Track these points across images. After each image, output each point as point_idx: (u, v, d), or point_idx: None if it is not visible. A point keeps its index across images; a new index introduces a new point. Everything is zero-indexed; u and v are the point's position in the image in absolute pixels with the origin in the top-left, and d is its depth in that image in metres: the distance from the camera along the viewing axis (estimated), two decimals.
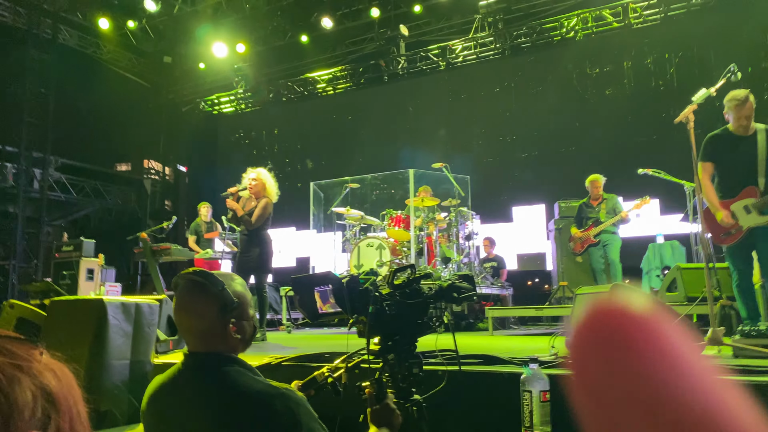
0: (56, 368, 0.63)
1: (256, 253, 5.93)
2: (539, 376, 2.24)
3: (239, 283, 1.77)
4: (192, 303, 1.69)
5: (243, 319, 1.72)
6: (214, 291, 1.66)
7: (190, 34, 13.40)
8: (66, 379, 0.64)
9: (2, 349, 0.61)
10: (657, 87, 10.59)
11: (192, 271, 1.71)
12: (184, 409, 1.64)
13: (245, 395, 1.56)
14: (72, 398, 0.63)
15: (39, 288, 5.65)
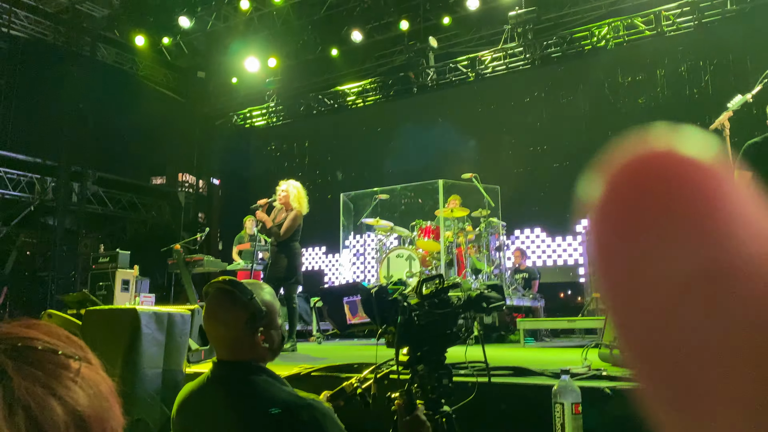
0: (91, 383, 0.60)
1: (285, 263, 5.97)
2: (571, 388, 2.21)
3: (268, 292, 1.78)
4: (221, 312, 1.70)
5: (271, 329, 1.73)
6: (243, 300, 1.68)
7: (224, 49, 13.67)
8: (98, 395, 0.61)
9: (37, 366, 0.57)
10: (691, 95, 10.40)
11: (222, 280, 1.73)
12: (212, 417, 1.65)
13: (272, 405, 1.57)
14: (104, 415, 0.60)
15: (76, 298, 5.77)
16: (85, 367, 0.62)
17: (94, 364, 0.65)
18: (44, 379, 0.57)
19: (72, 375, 0.59)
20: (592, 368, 2.94)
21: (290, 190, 6.08)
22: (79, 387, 0.59)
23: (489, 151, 11.91)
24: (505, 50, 11.78)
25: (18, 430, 0.53)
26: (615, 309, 0.24)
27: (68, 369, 0.60)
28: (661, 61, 10.70)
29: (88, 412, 0.58)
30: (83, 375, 0.61)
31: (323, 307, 2.38)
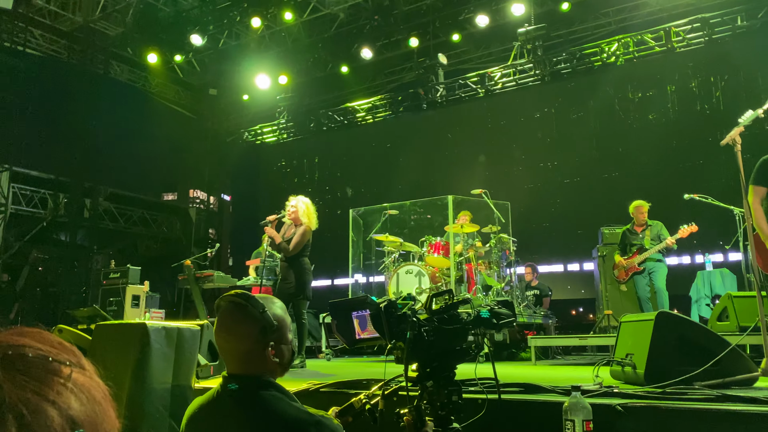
0: (83, 388, 0.60)
1: (295, 279, 5.97)
2: (582, 405, 2.18)
3: (279, 307, 1.79)
4: (233, 324, 1.71)
5: (282, 343, 1.74)
6: (255, 313, 1.68)
7: (235, 67, 13.80)
8: (91, 400, 0.60)
9: (28, 373, 0.57)
10: (702, 111, 10.36)
11: (234, 293, 1.74)
12: (218, 430, 1.65)
13: (280, 421, 1.56)
14: (98, 420, 0.59)
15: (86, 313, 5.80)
16: (77, 372, 0.61)
17: (88, 370, 0.64)
18: (36, 385, 0.57)
19: (63, 380, 0.59)
20: (604, 385, 2.90)
21: (299, 206, 6.09)
22: (71, 392, 0.59)
23: (499, 166, 11.91)
24: (515, 66, 11.81)
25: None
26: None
27: (60, 375, 0.59)
28: (672, 77, 10.69)
29: (81, 417, 0.58)
30: (75, 380, 0.60)
31: (332, 321, 2.37)
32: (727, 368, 3.07)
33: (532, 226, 11.11)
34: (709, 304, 7.95)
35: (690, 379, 2.94)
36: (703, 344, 3.22)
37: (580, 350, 8.84)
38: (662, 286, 7.40)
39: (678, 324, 3.38)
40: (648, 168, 10.33)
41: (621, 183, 10.49)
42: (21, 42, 12.01)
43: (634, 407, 2.46)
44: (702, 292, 8.14)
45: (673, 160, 10.26)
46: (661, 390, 2.76)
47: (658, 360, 3.17)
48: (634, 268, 7.55)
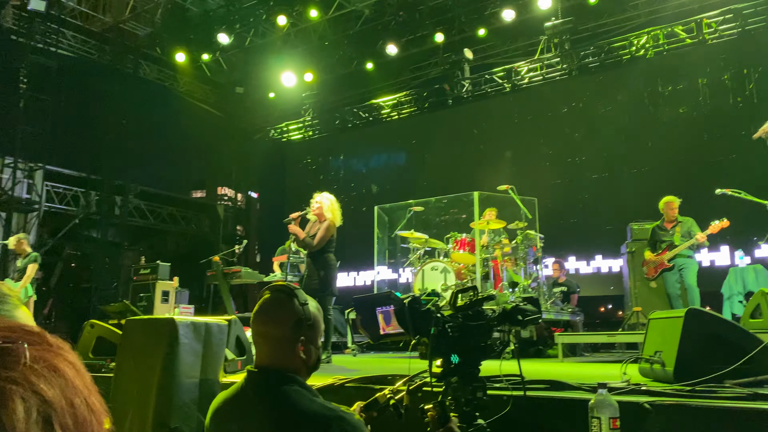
0: (49, 369, 0.56)
1: (320, 275, 6.00)
2: (609, 402, 2.15)
3: (315, 307, 1.84)
4: (273, 309, 1.76)
5: (311, 343, 1.78)
6: (296, 304, 1.75)
7: (261, 64, 13.92)
8: (57, 373, 0.56)
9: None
10: (735, 104, 10.12)
11: (281, 284, 1.82)
12: (244, 424, 1.67)
13: (302, 416, 1.58)
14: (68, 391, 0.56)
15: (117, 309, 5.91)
16: (44, 352, 0.57)
17: (56, 345, 0.60)
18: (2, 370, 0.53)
19: (28, 362, 0.55)
20: (632, 383, 2.86)
21: (323, 202, 6.13)
22: (38, 375, 0.55)
23: (526, 162, 11.79)
24: (542, 61, 11.69)
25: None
26: None
27: (22, 357, 0.55)
28: (703, 70, 10.46)
29: (53, 400, 0.54)
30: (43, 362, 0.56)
31: (356, 317, 2.38)
32: (759, 366, 3.00)
33: (560, 223, 10.98)
34: (742, 301, 7.77)
35: (720, 378, 2.88)
36: (735, 342, 3.16)
37: (608, 347, 8.73)
38: (693, 282, 7.27)
39: (708, 321, 3.32)
40: (678, 163, 10.13)
41: (650, 178, 10.31)
42: (53, 43, 12.27)
43: (663, 405, 2.42)
44: (734, 289, 7.97)
45: (704, 154, 10.05)
46: (690, 388, 2.71)
47: (688, 358, 3.11)
48: (664, 264, 7.43)
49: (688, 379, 2.93)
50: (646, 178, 10.45)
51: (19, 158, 11.53)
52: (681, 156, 10.16)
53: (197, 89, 15.22)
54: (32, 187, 11.84)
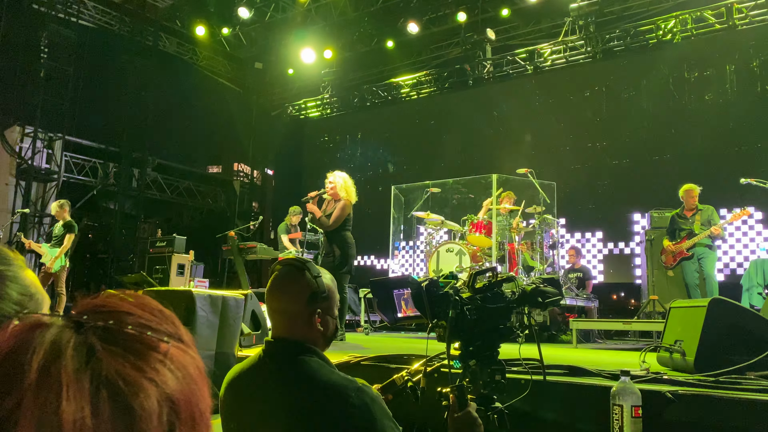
0: (179, 365, 0.57)
1: (338, 253, 6.00)
2: (631, 390, 2.11)
3: (329, 279, 1.82)
4: (287, 284, 1.76)
5: (328, 315, 1.77)
6: (309, 277, 1.74)
7: (281, 40, 13.82)
8: (187, 378, 0.57)
9: (127, 347, 0.54)
10: (763, 92, 9.88)
11: (291, 258, 1.81)
12: (261, 395, 1.67)
13: (323, 385, 1.58)
14: (193, 397, 0.57)
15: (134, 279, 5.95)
16: (174, 347, 0.58)
17: (186, 341, 0.61)
18: (134, 360, 0.54)
19: (161, 357, 0.56)
20: (651, 371, 2.82)
21: (337, 181, 6.12)
22: (168, 369, 0.56)
23: (546, 146, 11.65)
24: (566, 43, 11.49)
25: (100, 411, 0.50)
26: None
27: (158, 350, 0.56)
28: (732, 56, 10.21)
29: (177, 395, 0.55)
30: (172, 356, 0.57)
31: (373, 299, 2.35)
32: None
33: (578, 208, 10.88)
34: (761, 293, 7.66)
35: (743, 369, 2.83)
36: (758, 333, 3.10)
37: (621, 335, 8.67)
38: (712, 272, 7.18)
39: (731, 311, 3.26)
40: (702, 150, 9.95)
41: (673, 166, 10.15)
42: (74, 13, 12.25)
43: (685, 395, 2.38)
44: (754, 281, 7.84)
45: (729, 142, 9.85)
46: (713, 379, 2.66)
47: (710, 348, 3.06)
48: (683, 253, 7.33)
49: (709, 369, 2.88)
50: (667, 165, 10.28)
51: (39, 128, 11.59)
52: (705, 144, 9.97)
53: (216, 63, 15.17)
54: (51, 157, 11.93)
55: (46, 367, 0.51)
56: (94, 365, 0.52)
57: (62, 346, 0.53)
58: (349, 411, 1.52)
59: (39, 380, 0.50)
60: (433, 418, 2.04)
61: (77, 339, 0.53)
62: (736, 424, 2.29)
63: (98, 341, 0.54)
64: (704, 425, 2.34)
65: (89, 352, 0.53)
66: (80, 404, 0.49)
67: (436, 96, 13.58)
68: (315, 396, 1.57)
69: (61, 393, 0.49)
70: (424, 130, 13.46)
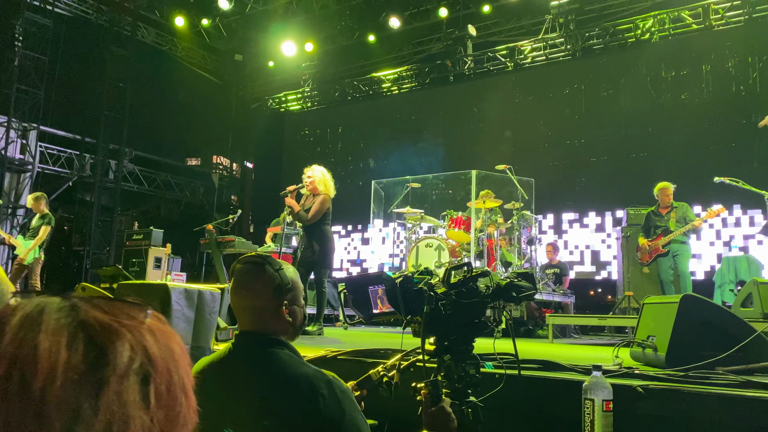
0: (158, 334, 0.60)
1: (316, 249, 5.99)
2: (603, 385, 2.14)
3: (293, 271, 1.83)
4: (249, 281, 1.76)
5: (295, 304, 1.78)
6: (271, 271, 1.74)
7: (261, 32, 13.71)
8: (167, 344, 0.60)
9: (107, 308, 0.58)
10: (738, 92, 10.06)
11: (251, 254, 1.81)
12: (230, 387, 1.66)
13: (293, 377, 1.59)
14: (171, 363, 0.59)
15: (109, 272, 5.88)
16: (156, 321, 0.61)
17: (166, 324, 0.64)
18: (113, 314, 0.58)
19: (141, 321, 0.59)
20: (624, 366, 2.86)
21: (316, 175, 6.11)
22: (147, 332, 0.59)
23: (525, 142, 11.73)
24: (546, 40, 11.56)
25: (76, 343, 0.53)
26: None
27: (138, 316, 0.60)
28: (708, 56, 10.37)
29: (155, 355, 0.58)
30: (153, 326, 0.60)
31: (348, 296, 2.35)
32: (751, 355, 3.00)
33: (556, 204, 10.99)
34: (733, 289, 7.81)
35: (712, 364, 2.88)
36: (728, 329, 3.16)
37: (597, 330, 8.79)
38: (685, 269, 7.30)
39: (703, 308, 3.31)
40: (678, 149, 10.10)
41: (649, 163, 10.29)
42: (50, 1, 12.04)
43: (656, 389, 2.42)
44: (726, 277, 8.00)
45: (704, 141, 10.01)
46: (683, 373, 2.71)
47: (681, 343, 3.11)
48: (659, 250, 7.44)
49: (680, 364, 2.93)
50: (644, 163, 10.42)
51: (13, 117, 11.38)
52: (681, 142, 10.12)
53: (196, 55, 15.01)
54: (26, 148, 11.72)
55: (30, 314, 0.55)
56: (74, 313, 0.56)
57: (47, 303, 0.57)
58: (319, 402, 1.53)
59: (21, 322, 0.55)
60: (408, 413, 2.05)
61: (62, 302, 0.58)
62: (704, 418, 2.33)
63: (82, 303, 0.58)
64: (673, 419, 2.38)
65: (72, 307, 0.57)
66: (57, 338, 0.53)
67: (417, 91, 13.59)
68: (285, 388, 1.57)
69: (40, 329, 0.54)
70: (404, 125, 13.47)
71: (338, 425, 1.53)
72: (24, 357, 0.52)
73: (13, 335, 0.54)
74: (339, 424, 1.53)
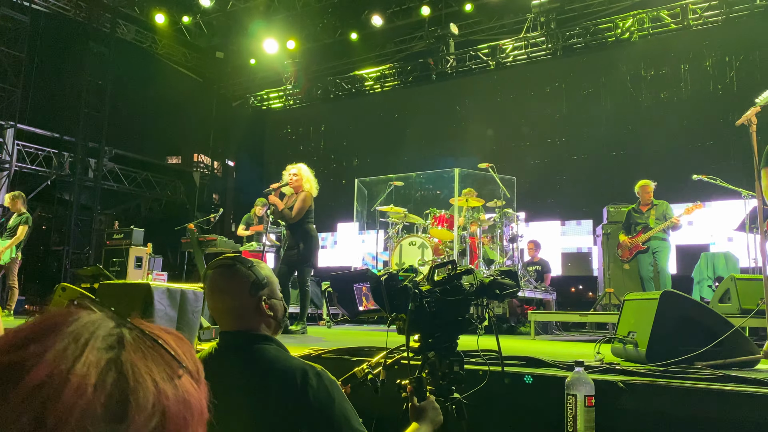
0: (184, 390, 0.60)
1: (300, 247, 5.97)
2: (585, 380, 2.17)
3: (265, 268, 1.84)
4: (224, 283, 1.76)
5: (274, 298, 1.80)
6: (243, 270, 1.75)
7: (243, 30, 13.62)
8: (185, 403, 0.60)
9: (148, 352, 0.59)
10: (715, 91, 10.22)
11: (220, 258, 1.81)
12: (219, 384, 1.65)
13: (282, 370, 1.60)
14: (181, 423, 0.59)
15: (90, 272, 5.81)
16: (188, 379, 0.62)
17: (202, 384, 0.65)
18: (149, 362, 0.58)
19: (173, 375, 0.60)
20: (605, 362, 2.90)
21: (302, 173, 6.10)
22: (173, 387, 0.59)
23: (507, 141, 11.81)
24: (527, 39, 11.63)
25: (104, 387, 0.54)
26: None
27: (173, 369, 0.60)
28: (686, 56, 10.52)
29: (172, 410, 0.58)
30: (184, 383, 0.61)
31: (333, 293, 2.35)
32: (729, 349, 3.06)
33: (537, 202, 11.07)
34: (711, 285, 7.93)
35: (692, 359, 2.93)
36: (707, 325, 3.21)
37: (579, 327, 8.87)
38: (665, 266, 7.39)
39: (682, 304, 3.36)
40: (657, 147, 10.23)
41: (629, 162, 10.41)
42: None
43: (636, 384, 2.46)
44: (705, 274, 8.12)
45: (683, 139, 10.15)
46: (663, 368, 2.75)
47: (661, 339, 3.16)
48: (639, 247, 7.52)
49: (660, 359, 2.98)
50: (624, 161, 10.55)
51: None
52: (660, 140, 10.25)
53: (176, 52, 14.87)
54: (3, 146, 11.53)
55: (78, 333, 0.56)
56: (117, 349, 0.57)
57: (98, 324, 0.58)
58: (309, 393, 1.55)
59: (67, 340, 0.55)
60: (393, 410, 2.06)
61: (113, 329, 0.59)
62: (683, 412, 2.37)
63: (130, 337, 0.59)
64: (654, 413, 2.42)
65: (119, 340, 0.58)
66: (90, 371, 0.54)
67: (400, 89, 13.60)
68: (275, 380, 1.58)
69: (80, 356, 0.54)
70: (387, 123, 13.47)
71: (328, 415, 1.55)
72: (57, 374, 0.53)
73: (59, 349, 0.54)
74: (329, 413, 1.55)
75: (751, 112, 3.65)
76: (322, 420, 1.54)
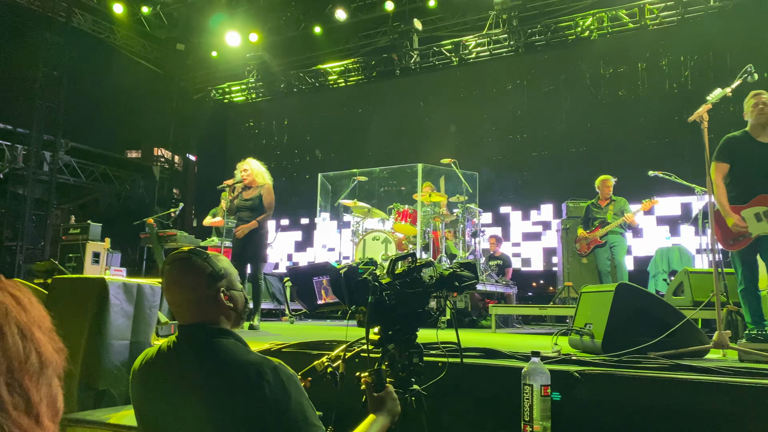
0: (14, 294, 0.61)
1: (253, 241, 5.93)
2: (541, 370, 2.21)
3: (223, 260, 1.82)
4: (180, 276, 1.73)
5: (233, 289, 1.78)
6: (199, 261, 1.73)
7: (204, 22, 13.38)
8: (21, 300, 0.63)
9: None
10: (671, 89, 10.49)
11: (176, 251, 1.78)
12: (176, 378, 1.64)
13: (239, 364, 1.58)
14: (31, 320, 0.62)
15: (43, 267, 5.66)
16: None
17: None
18: None
19: None
20: (562, 353, 2.96)
21: (253, 168, 6.08)
22: None
23: (469, 136, 11.91)
24: (490, 36, 11.73)
25: None
26: None
27: None
28: (643, 55, 10.76)
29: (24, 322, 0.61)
30: None
31: (292, 287, 2.34)
32: (681, 340, 3.16)
33: (499, 197, 11.20)
34: (666, 279, 8.16)
35: (645, 349, 3.01)
36: (660, 316, 3.30)
37: (539, 320, 9.03)
38: (622, 260, 7.57)
39: (637, 296, 3.45)
40: (615, 144, 10.46)
41: (588, 158, 10.62)
42: None
43: (591, 374, 2.51)
44: (660, 268, 8.35)
45: (640, 137, 10.40)
46: (617, 359, 2.82)
47: (616, 330, 3.24)
48: (597, 241, 7.69)
49: (616, 350, 3.05)
50: (583, 157, 10.75)
51: None
52: (618, 137, 10.48)
53: (135, 44, 14.53)
54: None
55: None
56: None
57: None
58: (265, 389, 1.53)
59: None
60: (353, 403, 2.07)
61: None
62: (636, 401, 2.44)
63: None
64: (608, 402, 2.48)
65: None
66: None
67: (364, 84, 13.57)
68: (232, 375, 1.56)
69: None
70: (351, 118, 13.44)
71: (283, 410, 1.53)
72: None
73: None
74: (284, 409, 1.53)
75: (702, 109, 3.75)
76: (278, 415, 1.53)
